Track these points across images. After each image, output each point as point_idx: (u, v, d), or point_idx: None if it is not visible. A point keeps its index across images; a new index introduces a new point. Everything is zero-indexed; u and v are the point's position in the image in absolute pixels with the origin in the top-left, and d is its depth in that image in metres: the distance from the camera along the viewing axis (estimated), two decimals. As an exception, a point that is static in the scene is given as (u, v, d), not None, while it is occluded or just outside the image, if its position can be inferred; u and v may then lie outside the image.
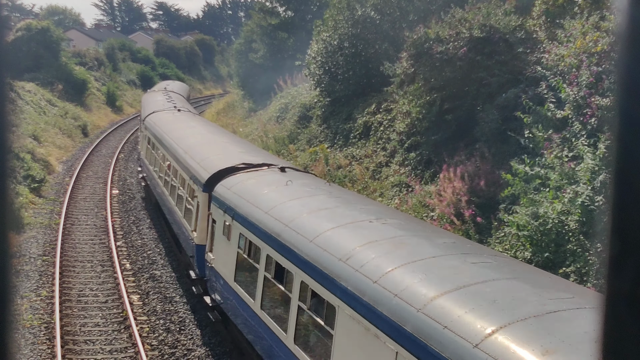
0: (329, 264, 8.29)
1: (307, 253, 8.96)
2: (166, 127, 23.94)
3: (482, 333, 5.72)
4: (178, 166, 18.74)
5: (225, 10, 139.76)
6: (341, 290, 7.77)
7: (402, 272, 7.21)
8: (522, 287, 6.78)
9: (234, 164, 15.15)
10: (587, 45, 14.87)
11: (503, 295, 6.42)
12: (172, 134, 22.25)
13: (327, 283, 8.17)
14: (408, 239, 8.48)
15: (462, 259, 7.63)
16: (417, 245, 8.21)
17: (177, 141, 20.59)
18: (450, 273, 7.09)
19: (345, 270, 7.88)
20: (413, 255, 7.64)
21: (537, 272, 8.08)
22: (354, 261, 7.91)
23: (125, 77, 66.37)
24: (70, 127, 42.25)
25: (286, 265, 9.60)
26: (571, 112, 14.27)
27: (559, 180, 13.08)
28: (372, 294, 7.17)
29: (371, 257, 7.81)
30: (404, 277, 7.07)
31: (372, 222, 9.30)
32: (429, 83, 18.57)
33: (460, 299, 6.40)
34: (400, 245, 8.11)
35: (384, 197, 19.59)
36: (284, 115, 35.12)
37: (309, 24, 39.17)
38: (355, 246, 8.26)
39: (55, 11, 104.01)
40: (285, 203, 11.09)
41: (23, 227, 21.82)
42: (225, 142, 20.21)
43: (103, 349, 13.89)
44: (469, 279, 6.82)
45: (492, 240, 14.24)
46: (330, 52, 28.35)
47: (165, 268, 19.12)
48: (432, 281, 6.87)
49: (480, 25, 17.71)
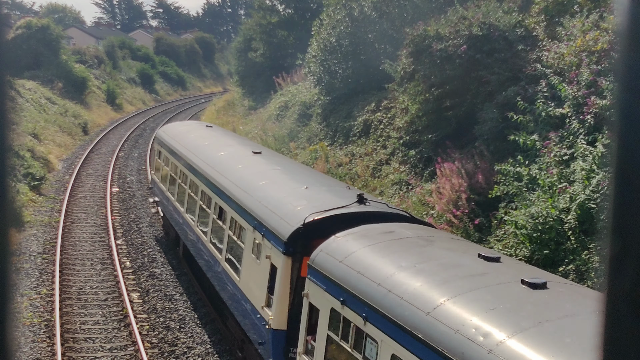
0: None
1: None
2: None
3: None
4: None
5: (225, 8, 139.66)
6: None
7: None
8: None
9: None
10: (587, 43, 14.86)
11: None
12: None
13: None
14: None
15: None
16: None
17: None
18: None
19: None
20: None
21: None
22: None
23: (125, 75, 66.30)
24: (70, 125, 42.23)
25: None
26: (570, 110, 14.27)
27: (554, 179, 13.08)
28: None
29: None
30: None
31: None
32: (429, 81, 18.56)
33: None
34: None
35: (384, 195, 19.60)
36: (284, 114, 35.12)
37: (308, 22, 39.13)
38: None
39: (55, 9, 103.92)
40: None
41: (23, 225, 21.81)
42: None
43: (103, 346, 13.89)
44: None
45: (491, 238, 14.25)
46: (329, 51, 28.34)
47: (165, 266, 19.12)
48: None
49: (480, 23, 17.71)
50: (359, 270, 8.29)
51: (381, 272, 8.02)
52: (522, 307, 6.66)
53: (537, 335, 5.99)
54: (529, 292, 6.85)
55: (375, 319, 7.48)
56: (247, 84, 46.54)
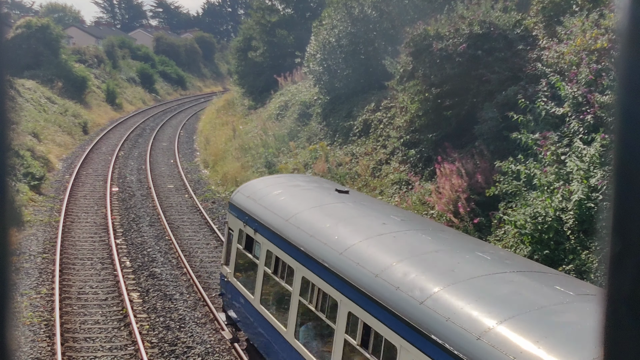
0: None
1: None
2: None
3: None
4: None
5: (225, 8, 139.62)
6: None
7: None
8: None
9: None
10: (587, 42, 14.87)
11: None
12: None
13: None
14: None
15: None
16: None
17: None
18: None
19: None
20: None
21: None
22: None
23: (125, 74, 66.30)
24: (70, 124, 42.24)
25: None
26: (570, 109, 14.28)
27: (552, 178, 13.09)
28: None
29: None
30: None
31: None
32: (429, 80, 18.56)
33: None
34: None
35: (384, 194, 19.60)
36: (284, 113, 35.12)
37: (308, 21, 39.13)
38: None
39: (55, 8, 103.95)
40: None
41: (23, 224, 21.82)
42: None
43: (103, 346, 13.90)
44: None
45: (491, 238, 14.25)
46: (329, 50, 28.35)
47: (165, 266, 19.12)
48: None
49: (480, 21, 17.71)
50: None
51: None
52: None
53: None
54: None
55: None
56: (247, 83, 46.55)
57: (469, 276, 7.67)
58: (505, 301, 7.04)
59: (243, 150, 32.71)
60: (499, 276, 7.79)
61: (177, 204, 26.59)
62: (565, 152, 13.60)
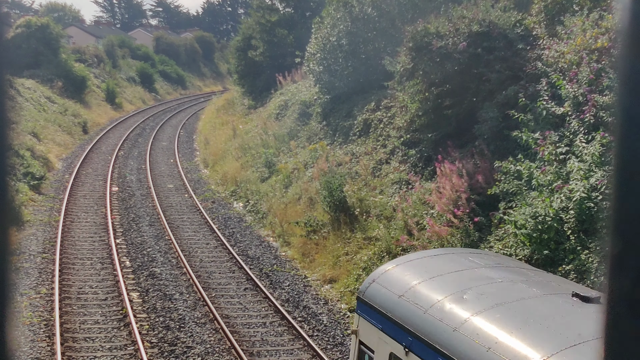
0: None
1: None
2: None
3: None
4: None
5: (225, 7, 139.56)
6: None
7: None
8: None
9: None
10: (587, 42, 14.87)
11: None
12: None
13: None
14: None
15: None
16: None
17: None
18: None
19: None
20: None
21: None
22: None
23: (124, 74, 66.27)
24: (69, 124, 42.22)
25: None
26: (570, 109, 14.28)
27: (551, 178, 13.08)
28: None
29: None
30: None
31: None
32: (429, 79, 18.55)
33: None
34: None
35: (384, 194, 19.60)
36: (284, 113, 35.10)
37: (308, 20, 39.11)
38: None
39: (54, 8, 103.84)
40: None
41: (23, 224, 21.81)
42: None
43: (103, 346, 13.89)
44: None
45: (491, 238, 14.25)
46: (329, 49, 28.33)
47: (164, 265, 19.12)
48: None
49: (480, 20, 17.71)
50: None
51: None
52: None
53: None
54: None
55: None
56: (246, 83, 46.52)
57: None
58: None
59: (243, 149, 32.71)
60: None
61: (177, 204, 26.59)
62: (564, 152, 13.59)
